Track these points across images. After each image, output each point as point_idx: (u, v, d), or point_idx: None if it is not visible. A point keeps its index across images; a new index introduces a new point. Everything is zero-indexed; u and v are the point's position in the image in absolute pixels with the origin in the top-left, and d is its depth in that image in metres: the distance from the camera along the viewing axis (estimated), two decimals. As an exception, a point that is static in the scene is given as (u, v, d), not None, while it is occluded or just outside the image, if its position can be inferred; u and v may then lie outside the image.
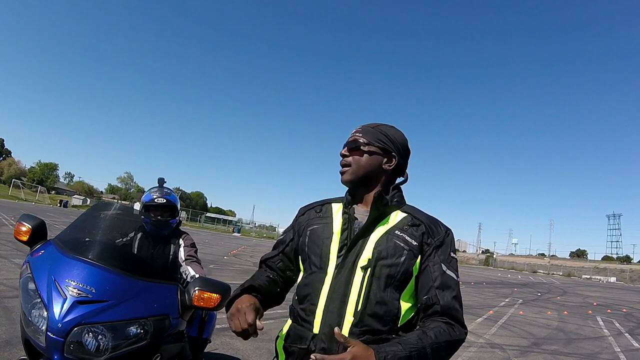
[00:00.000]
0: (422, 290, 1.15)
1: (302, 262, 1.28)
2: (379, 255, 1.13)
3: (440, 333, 1.07)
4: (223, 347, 4.42)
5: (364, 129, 1.29)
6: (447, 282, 1.14)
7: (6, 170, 68.99)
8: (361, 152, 1.24)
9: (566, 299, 17.16)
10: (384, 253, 1.13)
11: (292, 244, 1.35)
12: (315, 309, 1.13)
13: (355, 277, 1.12)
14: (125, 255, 2.22)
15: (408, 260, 1.13)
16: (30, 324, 1.51)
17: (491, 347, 6.19)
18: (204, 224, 66.63)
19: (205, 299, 1.68)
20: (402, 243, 1.14)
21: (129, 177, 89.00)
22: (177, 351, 1.85)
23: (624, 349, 7.13)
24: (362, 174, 1.24)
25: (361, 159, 1.24)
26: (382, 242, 1.15)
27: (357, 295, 1.10)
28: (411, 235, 1.16)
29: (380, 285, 1.11)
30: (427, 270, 1.15)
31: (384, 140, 1.26)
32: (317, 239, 1.23)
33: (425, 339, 1.04)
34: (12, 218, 18.18)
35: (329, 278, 1.15)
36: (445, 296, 1.12)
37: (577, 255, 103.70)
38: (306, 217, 1.34)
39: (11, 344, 3.64)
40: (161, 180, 2.72)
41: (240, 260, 16.06)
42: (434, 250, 1.16)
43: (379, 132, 1.27)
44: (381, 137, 1.26)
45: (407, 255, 1.13)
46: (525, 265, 73.91)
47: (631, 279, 59.45)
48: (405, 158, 1.31)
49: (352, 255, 1.15)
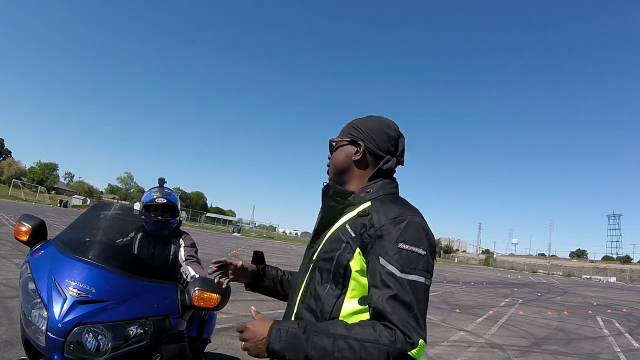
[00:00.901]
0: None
1: None
2: (323, 249, 1.11)
3: (366, 330, 0.88)
4: (223, 347, 4.42)
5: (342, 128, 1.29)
6: (383, 278, 0.92)
7: (6, 170, 68.97)
8: (336, 151, 1.25)
9: (566, 299, 17.15)
10: (326, 246, 1.09)
11: None
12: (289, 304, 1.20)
13: (308, 272, 1.14)
14: (126, 255, 2.22)
15: (345, 254, 1.01)
16: (30, 324, 1.51)
17: (491, 347, 6.19)
18: (204, 224, 66.61)
19: (205, 299, 1.68)
20: (342, 234, 1.06)
21: (129, 177, 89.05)
22: (177, 351, 1.85)
23: (624, 349, 7.13)
24: (336, 171, 1.24)
25: (335, 158, 1.24)
26: (331, 235, 1.11)
27: (303, 288, 1.12)
28: (353, 226, 1.04)
29: (319, 280, 1.07)
30: (369, 266, 0.98)
31: (352, 132, 1.22)
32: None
33: (338, 328, 0.90)
34: (12, 218, 18.18)
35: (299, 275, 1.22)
36: (378, 295, 0.91)
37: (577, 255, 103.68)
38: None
39: (11, 344, 3.64)
40: (161, 180, 2.73)
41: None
42: (376, 240, 0.97)
43: (349, 127, 1.26)
44: (350, 130, 1.24)
45: (344, 247, 1.02)
46: (525, 265, 73.94)
47: (631, 279, 59.46)
48: (381, 142, 1.18)
49: (310, 251, 1.18)
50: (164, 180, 2.73)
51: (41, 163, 74.97)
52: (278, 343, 0.92)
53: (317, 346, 0.88)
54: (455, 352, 5.67)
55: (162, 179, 2.73)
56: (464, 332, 7.19)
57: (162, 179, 2.73)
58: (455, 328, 7.38)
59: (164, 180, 2.73)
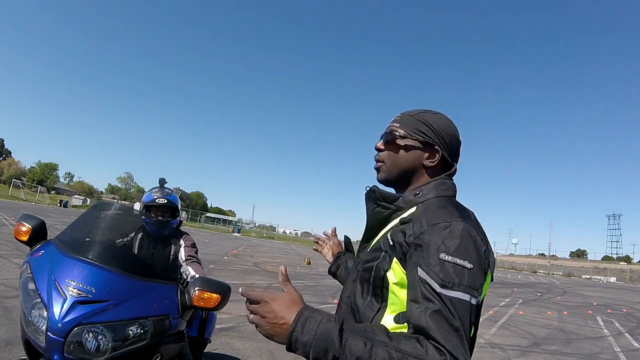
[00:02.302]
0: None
1: None
2: (365, 258, 1.00)
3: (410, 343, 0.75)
4: (223, 347, 4.42)
5: (402, 117, 1.07)
6: (423, 291, 0.79)
7: (6, 170, 68.99)
8: (397, 146, 1.04)
9: (566, 299, 17.14)
10: (368, 255, 0.98)
11: None
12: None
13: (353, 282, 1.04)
14: (126, 255, 2.22)
15: (382, 263, 0.91)
16: (30, 324, 1.51)
17: (491, 347, 6.19)
18: (204, 224, 66.60)
19: (205, 299, 1.68)
20: (382, 243, 0.95)
21: (129, 177, 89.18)
22: (177, 351, 1.85)
23: (624, 349, 7.13)
24: (397, 173, 1.04)
25: (397, 155, 1.04)
26: (375, 244, 1.01)
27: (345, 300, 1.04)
28: (393, 234, 0.92)
29: (359, 291, 0.97)
30: (408, 279, 0.85)
31: (425, 131, 1.02)
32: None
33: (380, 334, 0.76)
34: (12, 218, 18.18)
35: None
36: (419, 311, 0.78)
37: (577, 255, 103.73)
38: None
39: (11, 344, 3.64)
40: (162, 180, 2.73)
41: (240, 260, 16.05)
42: (414, 250, 0.86)
43: (419, 122, 1.03)
44: (422, 127, 1.02)
45: (383, 257, 0.92)
46: (525, 265, 73.85)
47: (631, 279, 59.40)
48: (454, 150, 1.06)
49: (357, 260, 1.08)
50: (164, 180, 2.73)
51: (41, 163, 75.03)
52: (306, 334, 0.75)
53: (352, 349, 0.73)
54: (455, 352, 5.67)
55: (163, 179, 2.73)
56: (464, 332, 7.18)
57: (162, 179, 2.73)
58: (455, 328, 7.37)
59: (164, 181, 2.73)
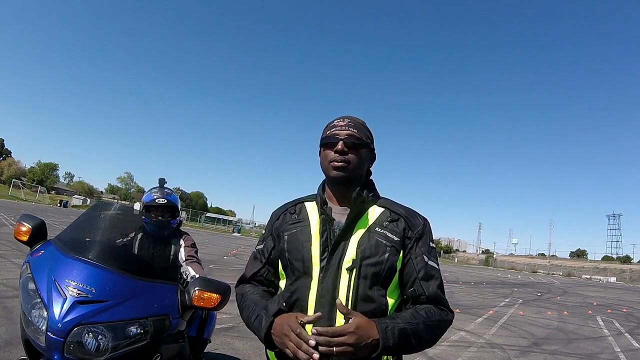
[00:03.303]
0: (407, 282, 1.18)
1: (284, 268, 1.24)
2: (363, 255, 1.13)
3: (431, 312, 1.13)
4: (223, 347, 4.42)
5: (355, 123, 1.26)
6: (430, 272, 1.18)
7: (6, 170, 68.95)
8: (357, 149, 1.22)
9: (566, 299, 17.14)
10: (367, 252, 1.13)
11: (274, 251, 1.29)
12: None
13: (342, 279, 1.12)
14: (126, 255, 2.22)
15: (391, 257, 1.14)
16: (30, 324, 1.51)
17: (491, 347, 6.19)
18: (204, 224, 66.56)
19: (205, 299, 1.68)
20: (383, 240, 1.15)
21: (129, 177, 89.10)
22: (177, 351, 1.85)
23: (624, 349, 7.13)
24: (358, 174, 1.23)
25: (358, 158, 1.22)
26: (364, 241, 1.15)
27: (346, 297, 1.10)
28: (392, 231, 1.17)
29: (367, 284, 1.12)
30: (410, 263, 1.18)
31: (369, 136, 1.29)
32: (296, 243, 1.20)
33: (418, 316, 1.10)
34: (12, 218, 18.18)
35: (314, 282, 1.14)
36: (430, 286, 1.17)
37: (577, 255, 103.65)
38: (281, 221, 1.30)
39: (11, 344, 3.64)
40: (162, 180, 2.73)
41: (240, 260, 16.05)
42: (415, 242, 1.19)
43: (365, 128, 1.28)
44: (367, 133, 1.28)
45: (390, 251, 1.14)
46: (525, 265, 73.91)
47: (631, 279, 59.43)
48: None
49: (335, 258, 1.14)
50: (164, 180, 2.73)
51: (41, 163, 75.04)
52: (391, 340, 1.02)
53: (415, 335, 1.06)
54: (455, 352, 5.67)
55: (163, 179, 2.73)
56: (464, 332, 7.18)
57: (162, 179, 2.73)
58: (455, 328, 7.36)
59: (164, 181, 2.73)
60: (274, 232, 1.30)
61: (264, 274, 1.31)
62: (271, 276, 1.31)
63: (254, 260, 1.34)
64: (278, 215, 1.32)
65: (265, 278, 1.31)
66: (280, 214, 1.32)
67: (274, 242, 1.30)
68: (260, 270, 1.31)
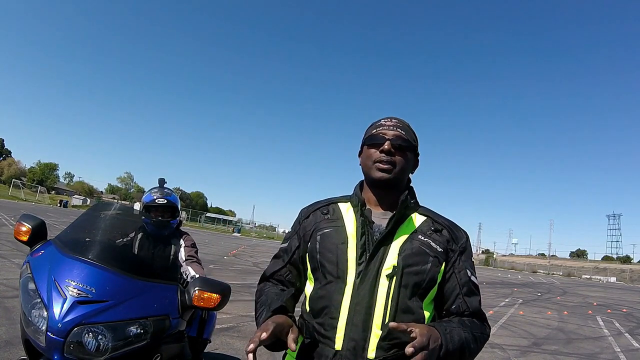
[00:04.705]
0: (448, 297, 1.12)
1: (313, 270, 1.14)
2: (405, 262, 1.05)
3: (475, 324, 1.11)
4: (223, 347, 4.43)
5: (403, 125, 1.18)
6: (473, 288, 1.13)
7: (6, 170, 68.96)
8: (404, 152, 1.15)
9: (566, 299, 17.15)
10: (410, 260, 1.06)
11: (298, 251, 1.20)
12: (336, 324, 1.03)
13: (380, 286, 1.04)
14: (125, 255, 2.22)
15: (434, 267, 1.08)
16: (30, 324, 1.51)
17: (491, 347, 6.19)
18: (204, 224, 66.59)
19: (205, 299, 1.68)
20: (427, 249, 1.09)
21: (129, 177, 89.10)
22: (177, 351, 1.85)
23: (624, 349, 7.13)
24: (402, 177, 1.16)
25: (404, 161, 1.14)
26: (406, 247, 1.07)
27: (384, 306, 1.03)
28: (435, 241, 1.11)
29: (407, 294, 1.05)
30: (452, 277, 1.12)
31: (415, 139, 1.21)
32: (330, 245, 1.11)
33: (465, 325, 1.07)
34: (12, 218, 18.18)
35: (349, 288, 1.05)
36: (473, 302, 1.13)
37: (577, 255, 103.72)
38: (312, 219, 1.20)
39: (11, 344, 3.64)
40: (162, 180, 2.73)
41: (240, 260, 16.06)
42: (459, 256, 1.13)
43: (412, 131, 1.21)
44: (414, 136, 1.21)
45: (433, 262, 1.08)
46: (525, 265, 73.88)
47: (631, 279, 59.41)
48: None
49: (374, 263, 1.05)
50: (164, 180, 2.73)
51: (41, 163, 75.07)
52: (451, 344, 0.98)
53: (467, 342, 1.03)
54: (455, 352, 5.67)
55: (162, 179, 2.73)
56: (464, 332, 7.19)
57: (162, 179, 2.73)
58: (455, 328, 7.38)
59: (164, 181, 2.73)
60: (301, 230, 1.21)
61: (284, 274, 1.22)
62: (292, 277, 1.22)
63: (276, 258, 1.26)
64: (308, 214, 1.22)
65: (286, 278, 1.22)
66: (311, 212, 1.22)
67: (299, 241, 1.21)
68: (281, 269, 1.23)
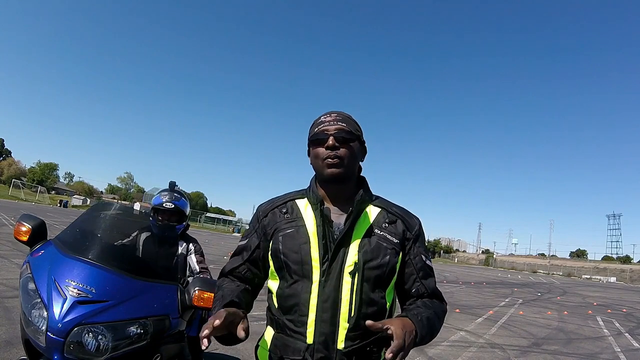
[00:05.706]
0: (407, 282, 1.21)
1: (277, 269, 1.18)
2: (365, 258, 1.12)
3: (435, 304, 1.21)
4: (223, 347, 4.42)
5: (343, 117, 1.20)
6: (428, 271, 1.23)
7: (6, 170, 69.00)
8: (348, 143, 1.17)
9: (566, 299, 17.15)
10: (369, 255, 1.12)
11: (258, 250, 1.24)
12: (306, 320, 1.09)
13: (344, 283, 1.10)
14: (125, 255, 2.22)
15: (392, 259, 1.15)
16: (30, 324, 1.51)
17: (491, 347, 6.19)
18: (204, 224, 66.62)
19: (205, 299, 1.69)
20: (384, 242, 1.15)
21: (129, 177, 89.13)
22: (177, 351, 1.85)
23: (624, 349, 7.13)
24: (351, 169, 1.19)
25: (350, 152, 1.17)
26: (365, 244, 1.13)
27: (349, 301, 1.09)
28: (391, 233, 1.18)
29: (370, 287, 1.12)
30: (409, 263, 1.20)
31: (358, 128, 1.24)
32: (293, 245, 1.14)
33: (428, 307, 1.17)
34: (12, 218, 18.18)
35: (315, 287, 1.10)
36: (430, 284, 1.22)
37: (577, 255, 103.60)
38: (271, 218, 1.22)
39: (11, 344, 3.64)
40: (172, 184, 2.69)
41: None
42: (413, 243, 1.21)
43: (353, 121, 1.24)
44: (356, 125, 1.24)
45: (391, 253, 1.15)
46: (525, 265, 73.92)
47: (631, 279, 59.38)
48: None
49: (337, 261, 1.11)
50: (174, 183, 2.70)
51: (41, 163, 75.14)
52: (423, 329, 1.07)
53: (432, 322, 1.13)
54: (455, 352, 5.68)
55: (173, 183, 2.70)
56: (464, 332, 7.19)
57: (172, 182, 2.70)
58: (455, 328, 7.38)
59: (174, 184, 2.69)
60: (260, 229, 1.24)
61: (242, 271, 1.25)
62: (250, 274, 1.25)
63: (236, 255, 1.29)
64: (266, 212, 1.24)
65: (244, 275, 1.25)
66: (269, 211, 1.24)
67: (259, 240, 1.24)
68: (240, 267, 1.26)
